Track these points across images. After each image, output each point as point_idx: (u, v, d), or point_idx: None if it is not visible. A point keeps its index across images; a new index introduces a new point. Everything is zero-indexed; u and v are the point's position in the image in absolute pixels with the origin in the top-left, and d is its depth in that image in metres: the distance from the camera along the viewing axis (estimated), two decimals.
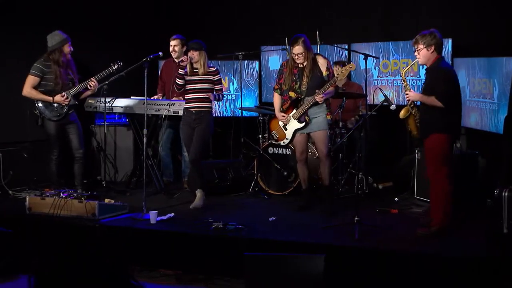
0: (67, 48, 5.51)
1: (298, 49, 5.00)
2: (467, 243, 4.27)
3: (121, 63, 5.54)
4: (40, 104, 5.53)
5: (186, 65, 5.28)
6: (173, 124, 6.11)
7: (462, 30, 6.36)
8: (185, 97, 5.38)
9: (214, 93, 5.33)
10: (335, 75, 5.03)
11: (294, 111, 5.15)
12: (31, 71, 5.51)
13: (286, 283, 3.16)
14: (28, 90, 5.52)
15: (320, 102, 5.01)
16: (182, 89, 5.38)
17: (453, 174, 4.43)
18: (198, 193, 5.30)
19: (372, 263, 4.10)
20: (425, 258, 4.01)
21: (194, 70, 5.33)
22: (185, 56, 5.34)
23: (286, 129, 5.23)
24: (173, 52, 6.08)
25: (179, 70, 5.28)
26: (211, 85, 5.31)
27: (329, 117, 5.17)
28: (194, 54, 5.26)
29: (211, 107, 5.40)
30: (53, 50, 5.48)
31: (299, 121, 5.13)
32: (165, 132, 6.24)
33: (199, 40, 5.35)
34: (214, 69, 5.38)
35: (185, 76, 5.30)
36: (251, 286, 3.20)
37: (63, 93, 5.50)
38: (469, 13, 6.43)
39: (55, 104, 5.53)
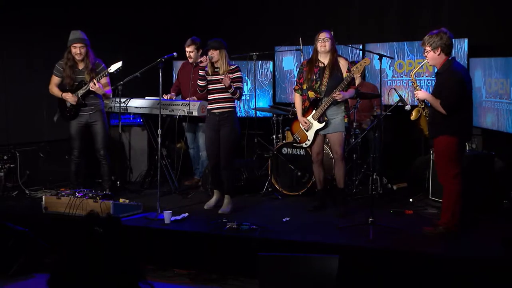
0: (73, 49, 5.53)
1: (324, 34, 5.03)
2: (483, 245, 4.23)
3: (121, 63, 5.48)
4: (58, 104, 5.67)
5: (206, 65, 5.15)
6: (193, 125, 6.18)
7: (478, 30, 6.30)
8: (208, 98, 5.26)
9: (231, 84, 5.07)
10: (351, 71, 5.00)
11: (314, 111, 5.13)
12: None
13: (300, 284, 3.15)
14: (50, 88, 5.69)
15: (339, 100, 4.99)
16: (205, 90, 5.25)
17: (461, 175, 4.37)
18: (226, 199, 5.25)
19: (386, 264, 4.08)
20: (439, 259, 3.98)
21: (215, 70, 5.18)
22: (204, 56, 5.19)
23: (307, 131, 5.21)
24: (189, 58, 6.09)
25: (199, 71, 5.15)
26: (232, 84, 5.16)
27: (346, 120, 5.15)
28: (214, 54, 5.11)
29: (234, 107, 5.26)
30: (66, 49, 5.56)
31: (319, 122, 5.11)
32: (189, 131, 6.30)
33: (219, 38, 5.21)
34: (234, 66, 5.19)
35: (207, 77, 5.18)
36: (265, 286, 3.19)
37: (75, 94, 5.57)
38: (485, 12, 6.37)
39: (67, 104, 5.58)
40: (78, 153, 5.68)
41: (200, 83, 5.20)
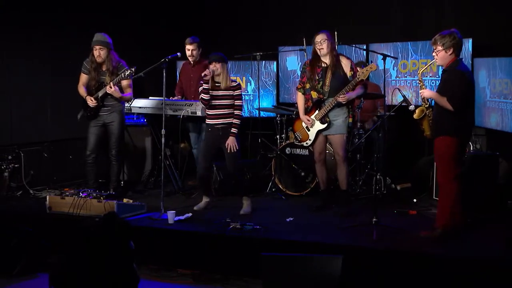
0: (94, 51, 5.57)
1: (319, 36, 4.98)
2: (487, 245, 4.21)
3: (133, 69, 5.49)
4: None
5: (209, 79, 5.10)
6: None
7: (482, 30, 6.28)
8: (208, 112, 5.22)
9: (236, 132, 5.13)
10: (357, 76, 4.97)
11: (317, 112, 5.12)
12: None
13: (303, 284, 3.15)
14: (78, 87, 5.74)
15: (343, 103, 4.98)
16: (209, 104, 5.16)
17: (460, 177, 4.34)
18: (245, 200, 5.26)
19: (389, 264, 4.07)
20: (443, 260, 3.96)
21: (216, 84, 5.15)
22: (207, 70, 5.12)
23: (309, 130, 5.19)
24: (191, 57, 6.09)
25: (204, 85, 5.09)
26: (232, 100, 5.15)
27: (350, 120, 5.13)
28: (217, 66, 5.07)
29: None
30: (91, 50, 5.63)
31: (321, 122, 5.10)
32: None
33: (219, 52, 5.18)
34: (236, 84, 5.19)
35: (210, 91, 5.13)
36: (268, 286, 3.20)
37: (95, 94, 5.62)
38: (489, 12, 6.35)
39: (90, 103, 5.62)
40: (89, 153, 5.69)
41: (204, 96, 5.10)
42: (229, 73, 5.21)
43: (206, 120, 5.28)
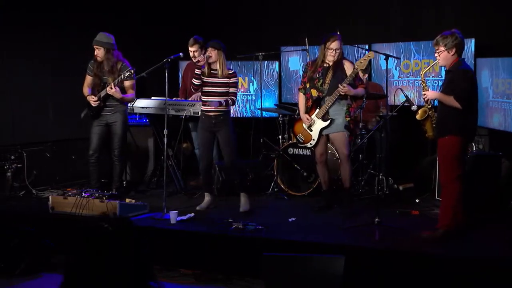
0: (96, 50, 5.56)
1: (335, 44, 4.98)
2: (488, 245, 4.21)
3: (133, 71, 5.48)
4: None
5: (204, 65, 5.12)
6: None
7: (485, 30, 6.27)
8: (203, 98, 5.23)
9: (221, 100, 5.07)
10: (355, 66, 4.96)
11: (317, 110, 5.12)
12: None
13: (305, 284, 3.15)
14: (83, 87, 5.72)
15: (342, 93, 4.95)
16: (199, 90, 5.25)
17: (463, 177, 4.34)
18: (243, 197, 5.26)
19: (392, 264, 4.07)
20: (444, 260, 3.96)
21: (213, 72, 5.17)
22: (201, 56, 5.17)
23: (311, 130, 5.18)
24: (193, 58, 6.10)
25: (196, 70, 5.14)
26: (226, 88, 5.14)
27: (347, 119, 5.13)
28: (212, 54, 5.08)
29: (229, 109, 5.29)
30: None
31: (323, 120, 5.09)
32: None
33: (218, 40, 5.21)
34: (232, 71, 5.17)
35: (203, 77, 5.14)
36: (270, 286, 3.20)
37: (98, 94, 5.62)
38: (491, 12, 6.35)
39: (93, 104, 5.61)
40: (92, 153, 5.70)
41: (195, 81, 5.16)
42: (226, 62, 5.15)
43: (201, 107, 5.27)
